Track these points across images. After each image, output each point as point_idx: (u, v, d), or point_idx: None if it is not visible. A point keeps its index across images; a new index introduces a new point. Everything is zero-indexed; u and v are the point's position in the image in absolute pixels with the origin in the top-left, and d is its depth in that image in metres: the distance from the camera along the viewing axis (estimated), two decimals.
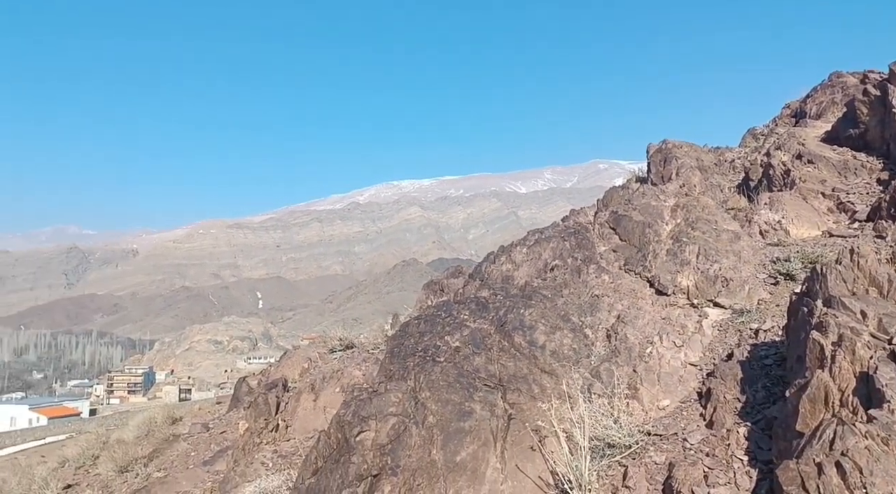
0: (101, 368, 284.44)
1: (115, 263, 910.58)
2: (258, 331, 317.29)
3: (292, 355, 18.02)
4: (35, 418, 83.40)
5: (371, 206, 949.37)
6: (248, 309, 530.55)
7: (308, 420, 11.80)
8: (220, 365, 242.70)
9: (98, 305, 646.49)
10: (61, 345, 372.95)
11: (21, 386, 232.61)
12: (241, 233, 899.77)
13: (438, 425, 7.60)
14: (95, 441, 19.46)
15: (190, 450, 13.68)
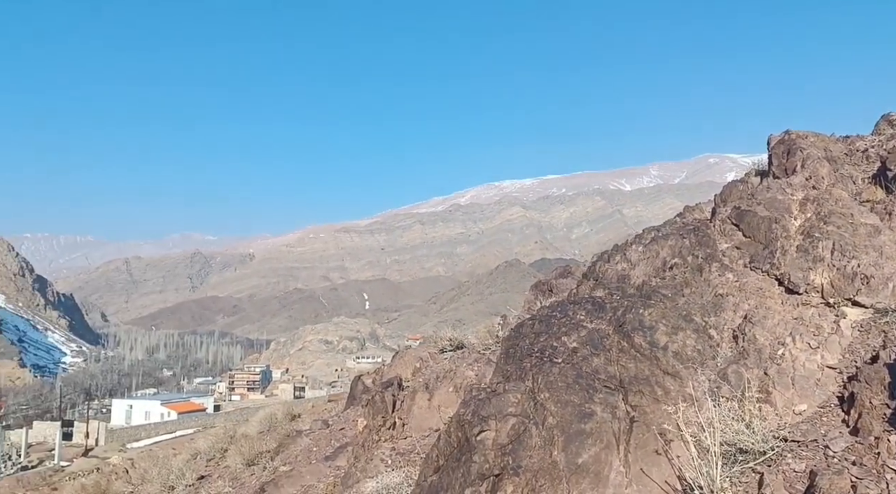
0: (223, 366, 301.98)
1: (234, 267, 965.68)
2: (365, 332, 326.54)
3: (404, 355, 18.42)
4: (166, 413, 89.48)
5: (472, 208, 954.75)
6: (356, 309, 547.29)
7: (423, 419, 12.01)
8: (331, 364, 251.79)
9: (219, 307, 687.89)
10: (187, 345, 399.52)
11: (153, 383, 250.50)
12: (349, 237, 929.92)
13: (559, 426, 7.53)
14: (223, 436, 20.72)
15: (312, 446, 14.28)
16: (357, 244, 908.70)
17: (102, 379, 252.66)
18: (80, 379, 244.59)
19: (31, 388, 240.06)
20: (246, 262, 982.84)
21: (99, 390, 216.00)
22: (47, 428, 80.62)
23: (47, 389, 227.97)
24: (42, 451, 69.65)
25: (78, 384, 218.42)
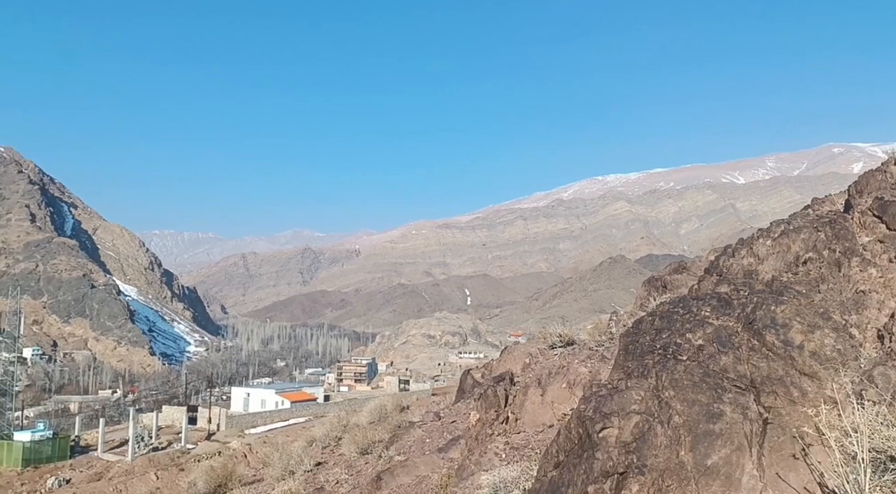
0: (332, 358, 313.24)
1: (341, 263, 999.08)
2: (467, 327, 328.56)
3: (513, 350, 18.37)
4: (280, 401, 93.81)
5: (575, 203, 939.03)
6: (458, 305, 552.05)
7: (536, 414, 11.93)
8: (434, 358, 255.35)
9: (328, 301, 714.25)
10: (299, 336, 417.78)
11: (268, 373, 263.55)
12: (450, 233, 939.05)
13: (685, 426, 7.25)
14: (337, 425, 21.49)
15: (425, 437, 14.53)
16: (458, 240, 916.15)
17: (222, 367, 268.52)
18: (203, 368, 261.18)
19: (160, 375, 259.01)
20: (352, 258, 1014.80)
21: (219, 378, 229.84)
22: (175, 413, 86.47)
23: (174, 376, 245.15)
24: (170, 434, 74.74)
25: (201, 372, 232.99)
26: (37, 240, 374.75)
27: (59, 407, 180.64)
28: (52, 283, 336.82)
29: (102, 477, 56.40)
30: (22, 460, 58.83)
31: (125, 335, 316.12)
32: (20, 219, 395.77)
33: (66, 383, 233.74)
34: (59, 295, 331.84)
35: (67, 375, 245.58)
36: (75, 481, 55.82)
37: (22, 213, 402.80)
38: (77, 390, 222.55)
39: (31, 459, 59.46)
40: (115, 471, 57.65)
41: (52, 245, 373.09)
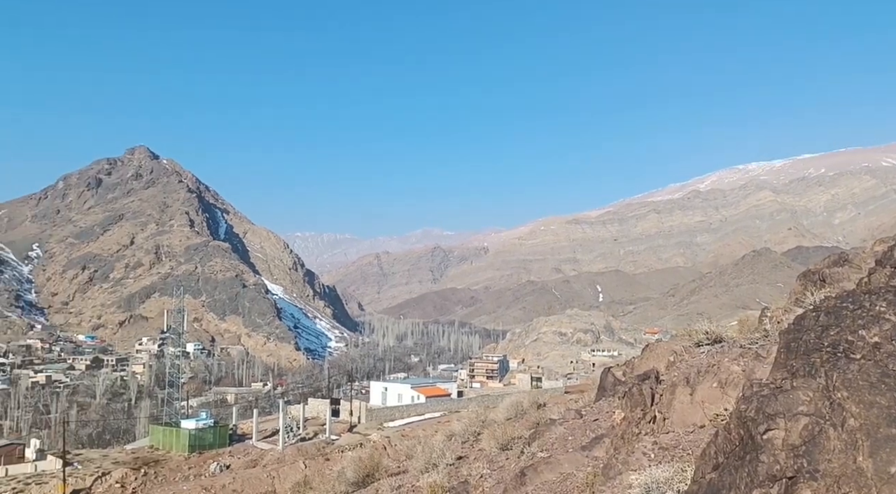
0: (463, 354, 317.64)
1: (470, 260, 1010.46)
2: (600, 324, 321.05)
3: (655, 347, 17.74)
4: (416, 396, 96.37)
5: (713, 194, 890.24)
6: (589, 302, 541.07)
7: (686, 414, 11.44)
8: (566, 356, 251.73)
9: (458, 298, 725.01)
10: (431, 333, 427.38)
11: (403, 368, 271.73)
12: (580, 228, 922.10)
13: (862, 429, 6.66)
14: (476, 420, 21.77)
15: (566, 435, 14.38)
16: (588, 235, 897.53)
17: (361, 362, 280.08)
18: (343, 363, 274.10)
19: (305, 369, 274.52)
20: (481, 256, 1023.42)
21: (358, 373, 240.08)
22: (319, 405, 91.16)
23: (317, 370, 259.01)
24: (315, 425, 78.89)
25: (341, 366, 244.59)
26: (195, 243, 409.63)
27: (218, 397, 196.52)
28: (209, 283, 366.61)
29: (257, 464, 60.52)
30: (188, 446, 64.33)
31: (273, 331, 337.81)
32: (181, 225, 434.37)
33: (223, 376, 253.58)
34: (216, 294, 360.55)
35: (224, 368, 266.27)
36: (234, 467, 60.29)
37: (183, 220, 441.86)
38: (233, 382, 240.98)
39: (196, 445, 64.82)
40: (268, 459, 61.63)
41: (209, 248, 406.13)
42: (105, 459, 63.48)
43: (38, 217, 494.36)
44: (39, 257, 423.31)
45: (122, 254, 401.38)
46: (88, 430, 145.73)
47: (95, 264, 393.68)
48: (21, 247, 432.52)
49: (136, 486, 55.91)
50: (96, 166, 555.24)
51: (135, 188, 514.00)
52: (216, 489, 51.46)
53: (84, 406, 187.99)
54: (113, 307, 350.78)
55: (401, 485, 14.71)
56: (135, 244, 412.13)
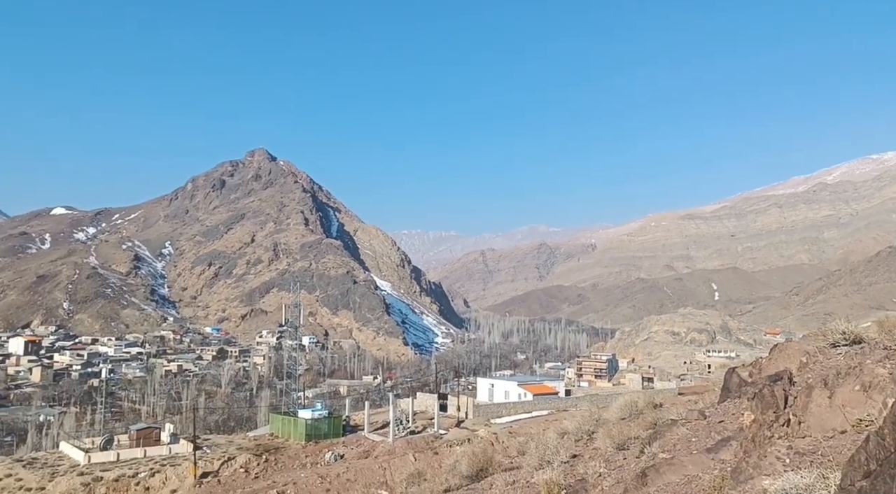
0: (570, 353, 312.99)
1: (577, 257, 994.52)
2: (716, 324, 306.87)
3: (786, 348, 16.65)
4: (523, 393, 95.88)
5: (843, 186, 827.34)
6: (704, 300, 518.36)
7: (824, 418, 10.64)
8: (679, 356, 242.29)
9: (565, 295, 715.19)
10: (537, 331, 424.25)
11: (509, 365, 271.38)
12: (693, 224, 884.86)
13: None
14: (589, 418, 21.33)
15: (690, 436, 13.76)
16: (703, 231, 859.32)
17: (467, 358, 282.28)
18: (449, 358, 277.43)
19: (412, 363, 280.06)
20: (588, 252, 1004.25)
21: (464, 368, 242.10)
22: (427, 400, 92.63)
23: (424, 365, 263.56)
24: (424, 419, 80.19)
25: (447, 362, 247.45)
26: (310, 241, 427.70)
27: (331, 389, 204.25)
28: (322, 279, 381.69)
29: (369, 455, 62.28)
30: (305, 435, 67.18)
31: (382, 326, 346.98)
32: (297, 224, 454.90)
33: (335, 368, 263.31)
34: (329, 289, 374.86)
35: (337, 361, 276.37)
36: (348, 457, 62.35)
37: (298, 219, 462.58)
38: (345, 375, 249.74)
39: (312, 434, 67.57)
40: (379, 450, 63.27)
41: (322, 245, 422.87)
42: (230, 445, 67.48)
43: (170, 217, 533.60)
44: (171, 254, 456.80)
45: (244, 252, 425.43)
46: (215, 417, 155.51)
47: (220, 261, 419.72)
48: (155, 244, 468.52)
49: (258, 471, 59.01)
50: (220, 168, 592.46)
51: (255, 189, 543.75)
52: (331, 477, 53.39)
53: (211, 394, 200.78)
54: (236, 301, 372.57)
55: (515, 481, 14.61)
56: (255, 242, 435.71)
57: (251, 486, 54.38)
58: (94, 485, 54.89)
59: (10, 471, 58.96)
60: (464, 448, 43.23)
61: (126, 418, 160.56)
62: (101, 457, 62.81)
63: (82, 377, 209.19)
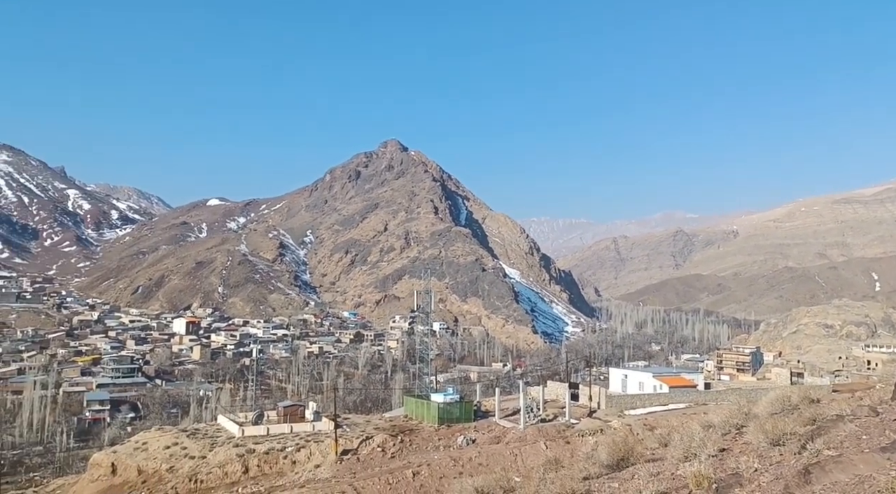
0: (709, 345, 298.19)
1: (716, 244, 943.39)
2: (876, 317, 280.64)
3: None
4: (658, 385, 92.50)
5: None
6: (862, 291, 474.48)
7: None
8: (832, 351, 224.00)
9: (703, 285, 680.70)
10: (673, 321, 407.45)
11: (643, 356, 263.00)
12: (850, 209, 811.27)
13: None
14: (737, 412, 20.10)
15: (860, 433, 12.55)
16: (861, 216, 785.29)
17: (598, 348, 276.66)
18: (580, 347, 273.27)
19: (542, 352, 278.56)
20: (729, 239, 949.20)
21: (595, 358, 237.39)
22: (557, 388, 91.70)
23: (554, 354, 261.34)
24: (554, 408, 79.47)
25: (578, 351, 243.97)
26: (439, 229, 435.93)
27: (462, 375, 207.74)
28: (451, 267, 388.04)
29: (500, 441, 62.67)
30: (438, 418, 68.69)
31: (511, 314, 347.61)
32: (427, 212, 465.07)
33: (465, 354, 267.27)
34: (458, 277, 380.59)
35: (466, 347, 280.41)
36: (479, 441, 63.11)
37: (428, 207, 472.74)
38: (474, 361, 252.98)
39: (444, 418, 68.94)
40: (510, 437, 63.50)
41: (451, 233, 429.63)
42: (368, 424, 70.38)
43: (311, 207, 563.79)
44: (312, 242, 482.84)
45: (378, 240, 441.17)
46: (353, 397, 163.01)
47: (356, 248, 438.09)
48: (298, 233, 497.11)
49: (394, 451, 61.14)
50: (356, 160, 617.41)
51: (387, 179, 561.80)
52: (463, 461, 54.30)
53: (349, 375, 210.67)
54: (370, 287, 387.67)
55: (659, 472, 14.01)
56: (388, 230, 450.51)
57: (388, 465, 56.48)
58: (248, 456, 59.27)
59: (177, 440, 64.97)
60: (601, 437, 42.40)
61: (273, 395, 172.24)
62: (252, 431, 67.72)
63: (235, 356, 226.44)
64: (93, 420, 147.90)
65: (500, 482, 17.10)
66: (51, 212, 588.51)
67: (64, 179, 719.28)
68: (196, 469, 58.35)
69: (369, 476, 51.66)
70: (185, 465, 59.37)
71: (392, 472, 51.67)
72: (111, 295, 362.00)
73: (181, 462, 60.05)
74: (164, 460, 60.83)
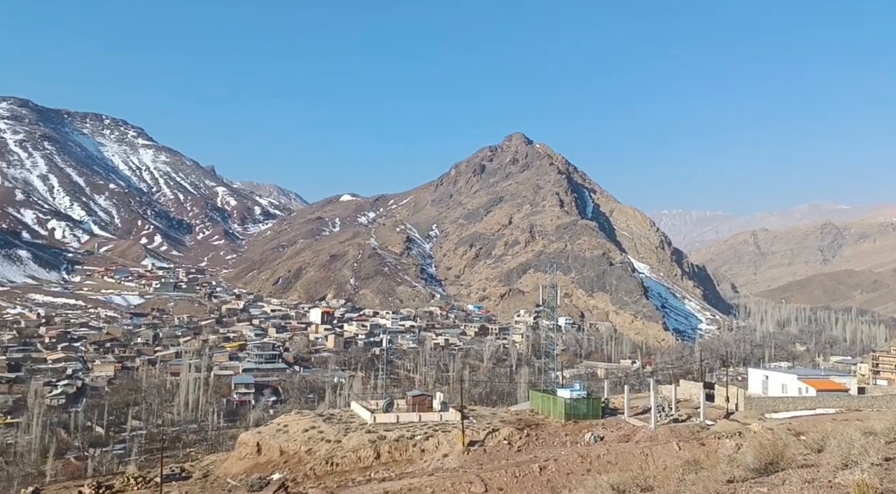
0: (864, 346, 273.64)
1: (872, 238, 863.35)
2: None
3: None
4: (803, 388, 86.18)
5: None
6: None
7: None
8: None
9: (856, 281, 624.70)
10: (820, 320, 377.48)
11: (785, 357, 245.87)
12: None
13: None
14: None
15: None
16: None
17: (735, 347, 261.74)
18: (715, 346, 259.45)
19: (673, 350, 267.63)
20: (888, 233, 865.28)
21: (732, 358, 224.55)
22: (691, 388, 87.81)
23: (686, 352, 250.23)
24: (688, 408, 76.19)
25: (713, 350, 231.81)
26: (565, 223, 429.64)
27: (588, 371, 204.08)
28: (577, 261, 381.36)
29: (630, 440, 60.98)
30: (564, 413, 67.96)
31: (640, 310, 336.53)
32: (552, 205, 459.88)
33: (592, 350, 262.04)
34: (584, 271, 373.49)
35: (593, 343, 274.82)
36: (608, 439, 61.76)
37: (553, 200, 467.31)
38: (601, 357, 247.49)
39: (571, 414, 68.10)
40: (640, 436, 61.63)
41: (577, 227, 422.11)
42: (494, 417, 70.89)
43: (436, 201, 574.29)
44: (437, 236, 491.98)
45: (502, 233, 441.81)
46: (478, 390, 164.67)
47: (480, 242, 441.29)
48: (424, 227, 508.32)
49: (520, 445, 61.19)
50: (480, 154, 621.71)
51: (512, 172, 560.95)
52: (591, 458, 53.33)
53: (474, 367, 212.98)
54: (495, 281, 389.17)
55: (814, 479, 13.02)
56: (512, 224, 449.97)
57: (514, 458, 56.60)
58: (379, 443, 61.56)
59: (314, 424, 68.65)
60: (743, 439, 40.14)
61: (402, 384, 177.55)
62: (383, 418, 70.25)
63: (366, 345, 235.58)
64: (239, 403, 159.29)
65: (636, 480, 16.60)
66: (202, 208, 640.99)
67: (213, 178, 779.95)
68: (332, 452, 61.37)
69: (496, 467, 52.01)
70: (321, 448, 62.60)
71: (519, 465, 51.71)
72: (255, 285, 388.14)
73: (318, 445, 63.37)
74: (303, 442, 64.46)
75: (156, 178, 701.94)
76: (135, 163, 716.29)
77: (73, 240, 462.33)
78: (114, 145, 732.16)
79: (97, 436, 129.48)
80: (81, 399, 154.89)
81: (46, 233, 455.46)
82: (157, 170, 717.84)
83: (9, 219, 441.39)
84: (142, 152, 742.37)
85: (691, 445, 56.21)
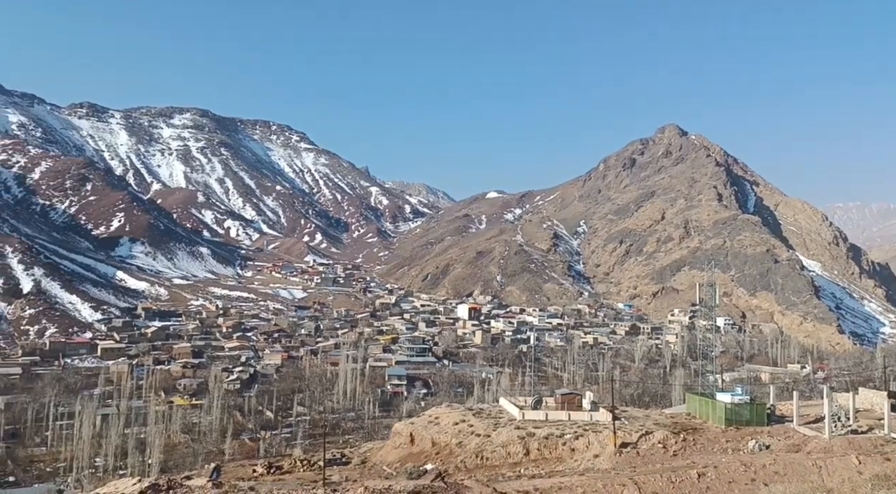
0: None
1: None
2: None
3: None
4: None
5: None
6: None
7: None
8: None
9: None
10: None
11: None
12: None
13: None
14: None
15: None
16: None
17: None
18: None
19: (850, 355, 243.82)
20: None
21: None
22: (873, 397, 79.59)
23: (866, 357, 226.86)
24: (869, 419, 69.13)
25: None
26: (723, 217, 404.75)
27: (751, 374, 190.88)
28: (738, 258, 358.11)
29: (800, 450, 56.42)
30: (724, 419, 64.16)
31: (810, 311, 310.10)
32: (709, 199, 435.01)
33: (755, 353, 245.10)
34: (745, 269, 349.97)
35: (756, 346, 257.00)
36: (774, 448, 57.55)
37: (710, 194, 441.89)
38: (766, 361, 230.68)
39: (732, 419, 64.11)
40: (812, 446, 56.87)
41: (737, 222, 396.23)
42: (647, 419, 68.49)
43: (584, 197, 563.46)
44: (585, 232, 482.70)
45: (654, 229, 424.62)
46: (630, 390, 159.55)
47: (630, 239, 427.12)
48: (571, 223, 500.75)
49: (676, 449, 58.64)
50: (630, 147, 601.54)
51: (665, 165, 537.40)
52: (756, 467, 49.97)
53: (624, 367, 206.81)
54: (646, 278, 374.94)
55: None
56: (665, 219, 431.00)
57: (669, 463, 54.32)
58: (528, 439, 61.60)
59: (464, 418, 70.04)
60: None
61: (549, 382, 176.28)
62: (532, 415, 70.15)
63: (513, 342, 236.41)
64: (393, 394, 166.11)
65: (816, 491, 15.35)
66: (357, 207, 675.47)
67: (367, 178, 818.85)
68: (482, 446, 62.29)
69: (650, 471, 50.21)
70: (471, 442, 63.72)
71: (675, 470, 49.59)
72: (405, 281, 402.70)
73: (468, 438, 64.56)
74: (453, 435, 65.98)
75: (316, 180, 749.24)
76: (298, 166, 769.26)
77: (245, 237, 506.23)
78: (279, 150, 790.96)
79: (267, 420, 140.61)
80: (253, 384, 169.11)
81: (223, 231, 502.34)
82: (318, 172, 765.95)
83: (192, 220, 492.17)
84: (304, 155, 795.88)
85: (873, 459, 51.04)
